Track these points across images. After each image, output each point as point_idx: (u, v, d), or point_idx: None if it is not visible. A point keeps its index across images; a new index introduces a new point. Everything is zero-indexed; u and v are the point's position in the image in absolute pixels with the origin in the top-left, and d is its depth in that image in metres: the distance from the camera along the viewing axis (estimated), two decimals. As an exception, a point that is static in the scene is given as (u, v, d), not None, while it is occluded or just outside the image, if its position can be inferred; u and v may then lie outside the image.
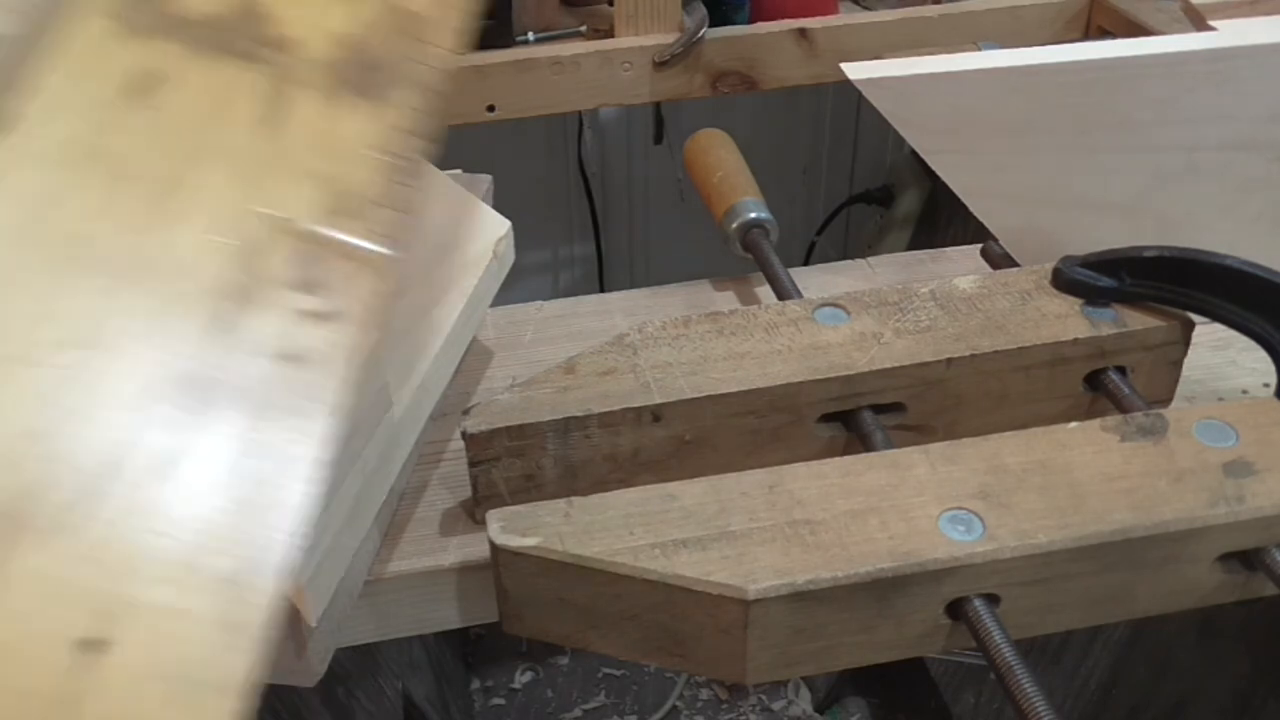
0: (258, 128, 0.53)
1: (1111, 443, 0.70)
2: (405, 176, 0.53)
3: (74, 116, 0.51)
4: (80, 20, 0.53)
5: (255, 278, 0.48)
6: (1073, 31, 1.51)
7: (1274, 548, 0.67)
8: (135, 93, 0.52)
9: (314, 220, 0.51)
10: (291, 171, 0.52)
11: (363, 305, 0.49)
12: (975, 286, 0.83)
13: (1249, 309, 0.77)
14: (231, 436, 0.44)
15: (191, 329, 0.47)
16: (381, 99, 0.55)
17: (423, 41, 0.58)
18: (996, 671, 0.62)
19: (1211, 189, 0.87)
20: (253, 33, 0.55)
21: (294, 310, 0.48)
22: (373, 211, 0.52)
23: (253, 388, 0.46)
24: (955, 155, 0.89)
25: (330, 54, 0.56)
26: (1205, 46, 0.81)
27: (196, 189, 0.50)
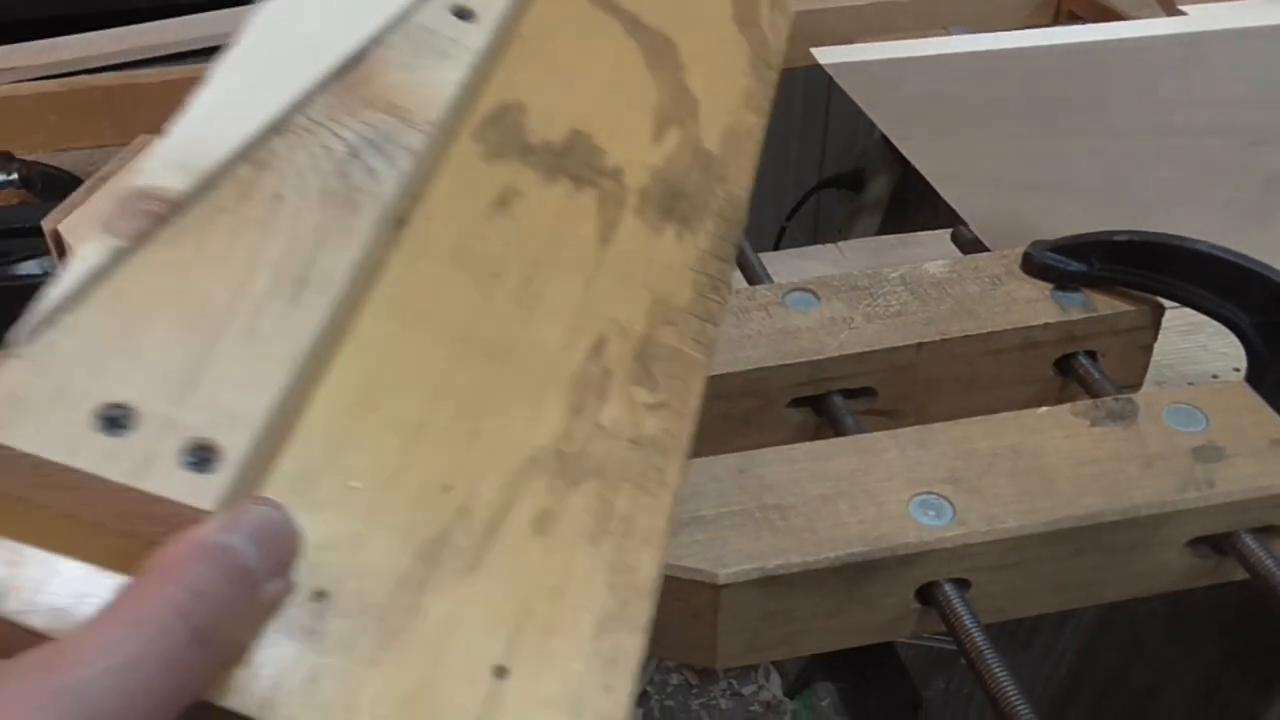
0: (594, 242, 0.61)
1: (1082, 427, 0.70)
2: (713, 292, 0.62)
3: (452, 221, 0.58)
4: (454, 141, 0.61)
5: (606, 371, 0.56)
6: (1042, 16, 1.51)
7: (1244, 532, 0.67)
8: (498, 205, 0.60)
9: (646, 325, 0.59)
10: (624, 281, 0.60)
11: (687, 400, 0.57)
12: (945, 271, 0.83)
13: (1219, 294, 0.77)
14: (593, 505, 0.50)
15: (560, 410, 0.53)
16: (689, 224, 0.64)
17: (720, 178, 0.68)
18: (967, 656, 0.62)
19: (1182, 174, 0.88)
20: (586, 160, 0.65)
21: (636, 401, 0.55)
22: (688, 320, 0.60)
23: (609, 465, 0.52)
24: (926, 140, 0.89)
25: (646, 183, 0.65)
26: (1174, 31, 0.81)
27: (553, 290, 0.58)
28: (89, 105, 1.30)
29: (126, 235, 0.47)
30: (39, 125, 1.30)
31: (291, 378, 0.46)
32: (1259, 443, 0.69)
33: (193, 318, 0.46)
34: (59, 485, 0.41)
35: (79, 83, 1.31)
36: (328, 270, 0.50)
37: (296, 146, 0.54)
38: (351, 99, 0.57)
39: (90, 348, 0.44)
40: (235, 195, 0.51)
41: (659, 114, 0.70)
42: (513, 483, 0.50)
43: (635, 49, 0.74)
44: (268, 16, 0.58)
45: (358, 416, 0.49)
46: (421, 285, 0.55)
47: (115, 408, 0.42)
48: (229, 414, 0.43)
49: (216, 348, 0.45)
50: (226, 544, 0.41)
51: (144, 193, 0.49)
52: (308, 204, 0.52)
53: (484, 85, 0.65)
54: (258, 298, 0.47)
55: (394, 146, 0.56)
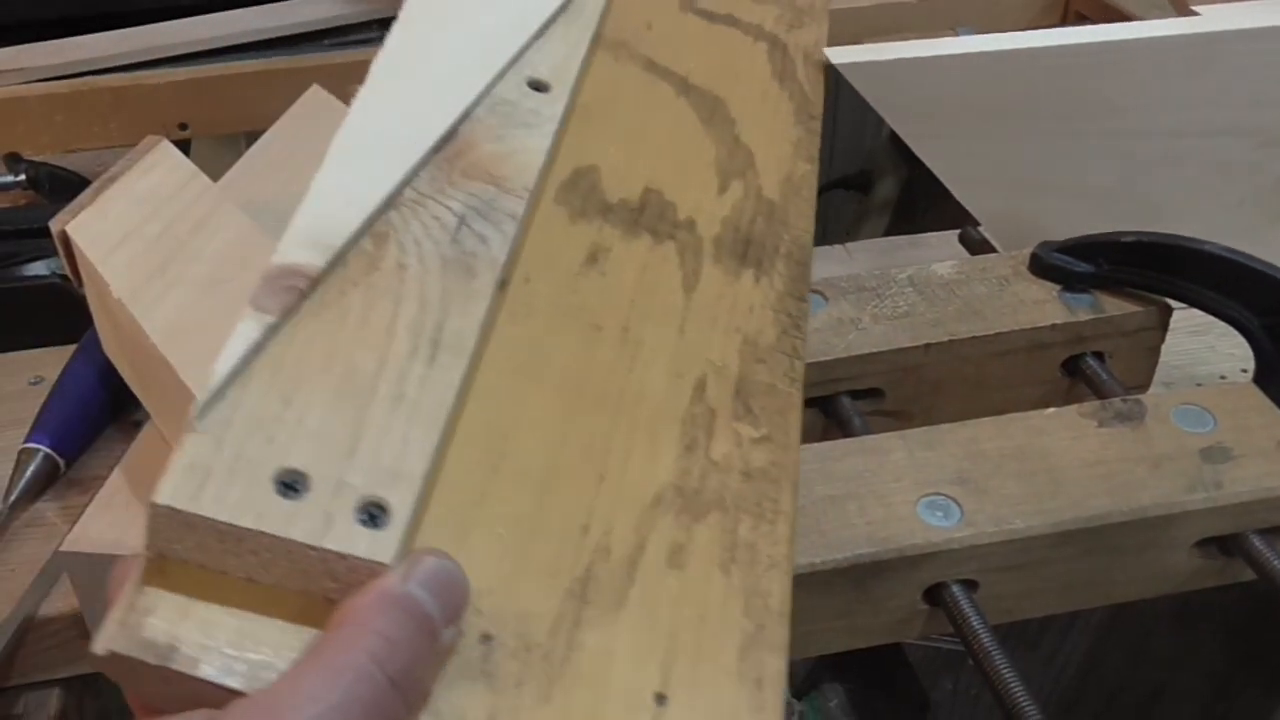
0: (681, 289, 0.64)
1: (1089, 428, 0.70)
2: (795, 330, 0.64)
3: (549, 280, 0.61)
4: (540, 206, 0.65)
5: (710, 410, 0.57)
6: (1050, 17, 1.51)
7: (1251, 533, 0.67)
8: (588, 262, 0.63)
9: (740, 364, 0.60)
10: (713, 323, 0.62)
11: (788, 432, 0.58)
12: (953, 272, 0.83)
13: (1227, 295, 0.77)
14: (719, 536, 0.52)
15: (675, 449, 0.55)
16: (763, 268, 0.66)
17: (784, 223, 0.70)
18: (974, 657, 0.62)
19: (1194, 174, 0.87)
20: (661, 214, 0.68)
21: (742, 436, 0.56)
22: (777, 358, 0.62)
23: (727, 497, 0.53)
24: (938, 139, 0.89)
25: (718, 232, 0.68)
26: (1187, 31, 0.81)
27: (650, 337, 0.60)
28: (96, 106, 1.30)
29: (275, 311, 0.51)
30: (46, 126, 1.30)
31: (440, 434, 0.49)
32: (1267, 443, 0.69)
33: (345, 384, 0.50)
34: (245, 550, 0.44)
35: (86, 84, 1.31)
36: (458, 331, 0.53)
37: (411, 218, 0.58)
38: (452, 171, 0.62)
39: (259, 418, 0.47)
40: (364, 267, 0.55)
41: (720, 167, 0.73)
42: (643, 520, 0.51)
43: (689, 109, 0.78)
44: (366, 101, 0.64)
45: (492, 468, 0.52)
46: (530, 341, 0.58)
47: (290, 473, 0.45)
48: (392, 472, 0.46)
49: (370, 410, 0.49)
50: (409, 593, 0.43)
51: (286, 270, 0.53)
52: (430, 271, 0.56)
53: (558, 152, 0.69)
54: (400, 361, 0.51)
55: (497, 213, 0.60)
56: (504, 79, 0.68)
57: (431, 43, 0.69)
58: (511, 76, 0.69)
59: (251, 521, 0.43)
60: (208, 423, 0.46)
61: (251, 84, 1.32)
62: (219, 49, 1.42)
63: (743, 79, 0.82)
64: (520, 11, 0.73)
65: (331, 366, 0.50)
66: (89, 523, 0.65)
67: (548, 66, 0.71)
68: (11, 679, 0.70)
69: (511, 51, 0.70)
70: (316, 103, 0.98)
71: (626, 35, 0.82)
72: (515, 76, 0.69)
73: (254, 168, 0.89)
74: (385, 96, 0.64)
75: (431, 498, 0.49)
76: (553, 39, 0.74)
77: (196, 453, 0.45)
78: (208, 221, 0.71)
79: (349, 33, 1.48)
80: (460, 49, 0.69)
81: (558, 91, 0.70)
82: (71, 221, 0.72)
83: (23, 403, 0.83)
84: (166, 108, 1.32)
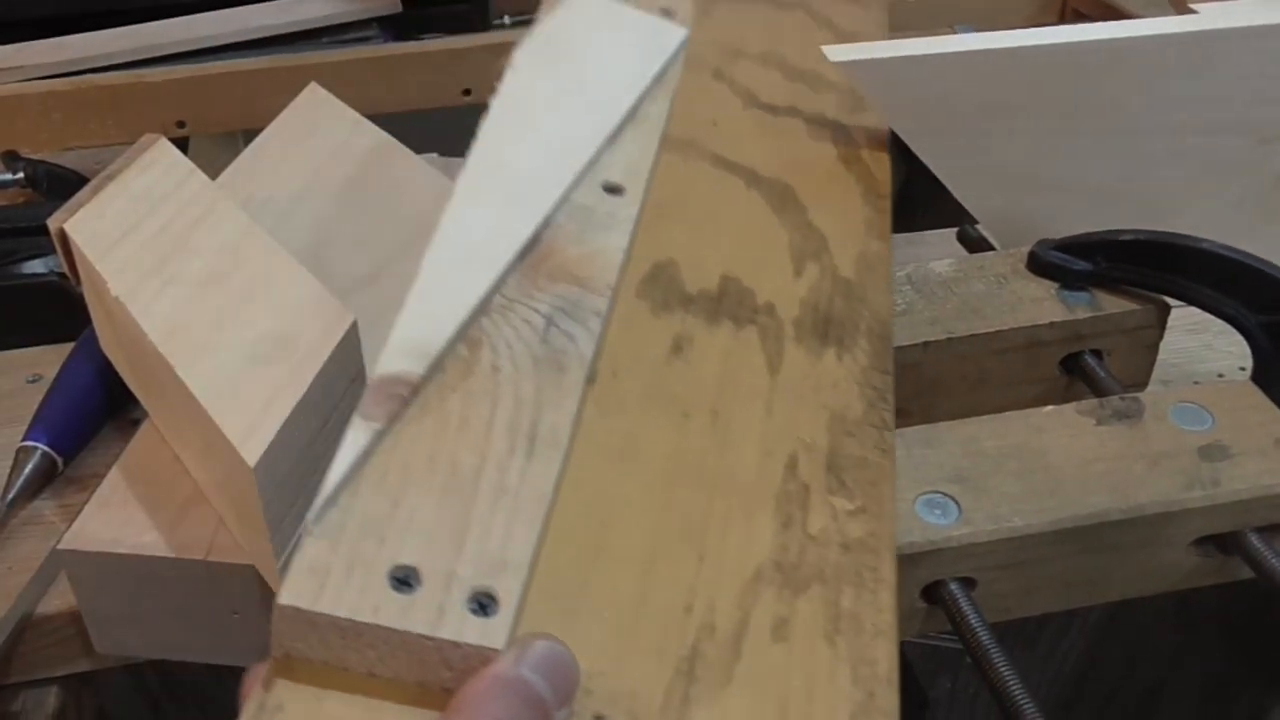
0: (766, 371, 0.65)
1: (1087, 426, 0.70)
2: (882, 402, 0.65)
3: (637, 372, 0.64)
4: (623, 302, 0.68)
5: (804, 486, 0.59)
6: (1047, 15, 1.51)
7: (1250, 531, 0.67)
8: (673, 352, 0.66)
9: (829, 440, 0.61)
10: (800, 402, 0.64)
11: (882, 503, 0.58)
12: (951, 270, 0.83)
13: (1224, 292, 0.77)
14: (821, 609, 0.53)
15: (772, 526, 0.56)
16: (845, 345, 0.68)
17: (862, 300, 0.72)
18: (972, 655, 0.62)
19: (1194, 173, 0.87)
20: (740, 301, 0.70)
21: (837, 509, 0.58)
22: (866, 431, 0.63)
23: (827, 570, 0.54)
24: (937, 137, 0.89)
25: (798, 314, 0.70)
26: (1187, 29, 0.81)
27: (739, 420, 0.62)
28: (94, 104, 1.30)
29: (381, 419, 0.54)
30: (44, 124, 1.30)
31: (541, 524, 0.51)
32: (1264, 441, 0.69)
33: (449, 482, 0.52)
34: (364, 644, 0.46)
35: (84, 81, 1.31)
36: (552, 426, 0.56)
37: (502, 323, 0.61)
38: (538, 275, 0.65)
39: (371, 520, 0.49)
40: (461, 371, 0.58)
41: (794, 251, 0.75)
42: (745, 597, 0.53)
43: (759, 198, 0.80)
44: (453, 216, 0.65)
45: (593, 553, 0.54)
46: (621, 431, 0.60)
47: (402, 569, 0.48)
48: (499, 562, 0.49)
49: (475, 506, 0.51)
50: (522, 676, 0.45)
51: (389, 380, 0.56)
52: (522, 371, 0.59)
53: (637, 249, 0.72)
54: (500, 457, 0.54)
55: (583, 311, 0.63)
56: (580, 185, 0.71)
57: (510, 156, 0.71)
58: (587, 182, 0.72)
59: (369, 616, 0.46)
60: (323, 527, 0.49)
61: (249, 82, 1.33)
62: (217, 47, 1.43)
63: (809, 166, 0.85)
64: (592, 121, 0.76)
65: (436, 467, 0.53)
66: (87, 521, 0.65)
67: (620, 170, 0.74)
68: (10, 677, 0.70)
69: (586, 159, 0.73)
70: (314, 101, 0.98)
71: (693, 134, 0.85)
72: (591, 182, 0.72)
73: (252, 166, 0.89)
74: (470, 210, 0.67)
75: (537, 584, 0.51)
76: (624, 143, 0.76)
77: (314, 556, 0.48)
78: (205, 219, 0.71)
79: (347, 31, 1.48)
80: (538, 160, 0.72)
81: (632, 193, 0.73)
82: (69, 219, 0.72)
83: (20, 400, 0.83)
84: (164, 106, 1.32)
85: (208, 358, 0.62)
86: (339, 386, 0.64)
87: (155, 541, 0.64)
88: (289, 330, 0.63)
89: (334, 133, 0.94)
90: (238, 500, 0.60)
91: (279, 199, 0.85)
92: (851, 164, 0.85)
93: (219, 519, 0.65)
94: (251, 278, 0.67)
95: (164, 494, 0.67)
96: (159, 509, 0.65)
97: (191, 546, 0.63)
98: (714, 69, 0.96)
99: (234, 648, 0.65)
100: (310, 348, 0.62)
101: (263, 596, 0.62)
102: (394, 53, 1.38)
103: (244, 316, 0.64)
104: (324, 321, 0.64)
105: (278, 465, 0.58)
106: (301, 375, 0.61)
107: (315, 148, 0.92)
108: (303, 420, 0.60)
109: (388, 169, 0.91)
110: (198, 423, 0.61)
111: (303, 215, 0.85)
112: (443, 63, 1.37)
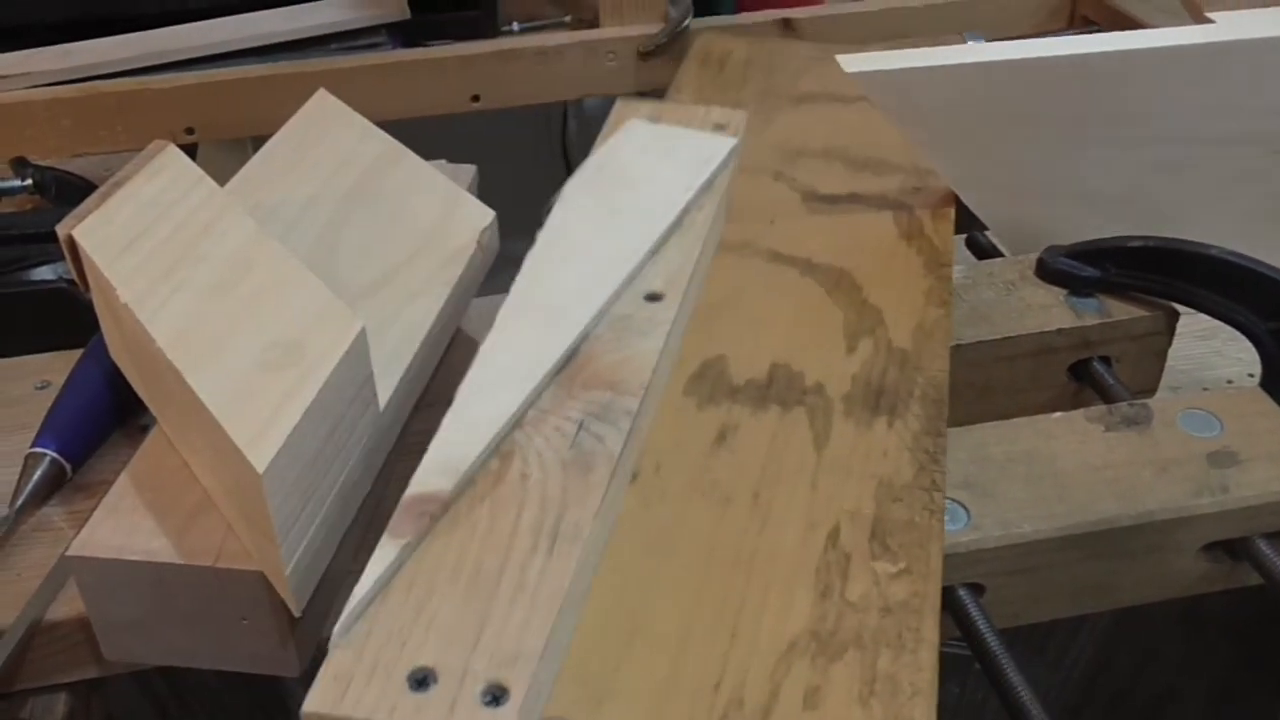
0: (812, 448, 0.67)
1: (1096, 433, 0.70)
2: (933, 464, 0.65)
3: (679, 466, 0.66)
4: (669, 401, 0.71)
5: (845, 555, 0.60)
6: (1057, 22, 1.51)
7: (1258, 537, 0.67)
8: (717, 442, 0.68)
9: (875, 507, 0.63)
10: (846, 474, 0.65)
11: (928, 562, 0.60)
12: (960, 277, 0.83)
13: (1233, 299, 0.77)
14: (857, 673, 0.54)
15: (809, 597, 0.58)
16: (897, 413, 0.69)
17: (917, 368, 0.73)
18: (981, 661, 0.62)
19: (1207, 182, 0.87)
20: (789, 385, 0.72)
21: (880, 574, 0.59)
22: (915, 494, 0.64)
23: (865, 635, 0.56)
24: (948, 146, 0.89)
25: (848, 390, 0.71)
26: (1203, 40, 0.81)
27: (782, 499, 0.64)
28: (102, 110, 1.30)
29: (411, 534, 0.56)
30: (52, 130, 1.30)
31: (558, 616, 0.53)
32: (1273, 448, 0.69)
33: (472, 585, 0.54)
34: None
35: (92, 88, 1.31)
36: (575, 521, 0.57)
37: (533, 434, 0.63)
38: (573, 385, 0.66)
39: (394, 628, 0.52)
40: (490, 483, 0.60)
41: (848, 330, 0.77)
42: (776, 670, 0.54)
43: (814, 284, 0.82)
44: (495, 339, 0.68)
45: (626, 639, 0.56)
46: (662, 522, 0.63)
47: (420, 670, 0.50)
48: (512, 655, 0.51)
49: (494, 605, 0.53)
50: None
51: (420, 499, 0.58)
52: (551, 475, 0.60)
53: (686, 350, 0.75)
54: (522, 557, 0.55)
55: (614, 412, 0.64)
56: (621, 298, 0.73)
57: (552, 281, 0.73)
58: (629, 295, 0.73)
59: (385, 716, 0.48)
60: (350, 637, 0.52)
61: (258, 88, 1.33)
62: (225, 53, 1.43)
63: (868, 247, 0.86)
64: (636, 237, 0.76)
65: (460, 573, 0.55)
66: (95, 527, 0.65)
67: (663, 278, 0.75)
68: (19, 683, 0.70)
69: (627, 273, 0.74)
70: (323, 107, 0.98)
71: (750, 235, 0.87)
72: (632, 293, 0.73)
73: (261, 172, 0.89)
74: (510, 334, 0.68)
75: (569, 671, 0.54)
76: (667, 252, 0.77)
77: (339, 664, 0.51)
78: (214, 226, 0.71)
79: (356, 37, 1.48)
80: (580, 281, 0.73)
81: (671, 298, 0.73)
82: (78, 226, 0.72)
83: (29, 407, 0.83)
84: (173, 112, 1.32)
85: (216, 364, 0.62)
86: (348, 393, 0.64)
87: (164, 548, 0.63)
88: (298, 337, 0.63)
89: (342, 139, 0.94)
90: (246, 506, 0.60)
91: (287, 205, 0.85)
92: (913, 238, 0.86)
93: (228, 525, 0.64)
94: (260, 284, 0.67)
95: (172, 500, 0.66)
96: (168, 515, 0.65)
97: (200, 553, 0.63)
98: (774, 171, 0.97)
99: (242, 654, 0.65)
100: (319, 354, 0.62)
101: (271, 603, 0.62)
102: (402, 59, 1.38)
103: (252, 323, 0.64)
104: (333, 328, 0.64)
105: (286, 471, 0.58)
106: (310, 381, 0.60)
107: (324, 154, 0.92)
108: (311, 426, 0.60)
109: (396, 175, 0.90)
110: (206, 429, 0.61)
111: (311, 221, 0.84)
112: (451, 69, 1.37)
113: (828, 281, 0.81)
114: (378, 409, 0.68)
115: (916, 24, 1.45)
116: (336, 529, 0.65)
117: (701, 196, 0.81)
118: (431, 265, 0.81)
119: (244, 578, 0.63)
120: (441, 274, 0.80)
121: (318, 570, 0.63)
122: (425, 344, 0.75)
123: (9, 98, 1.30)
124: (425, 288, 0.79)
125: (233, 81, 1.33)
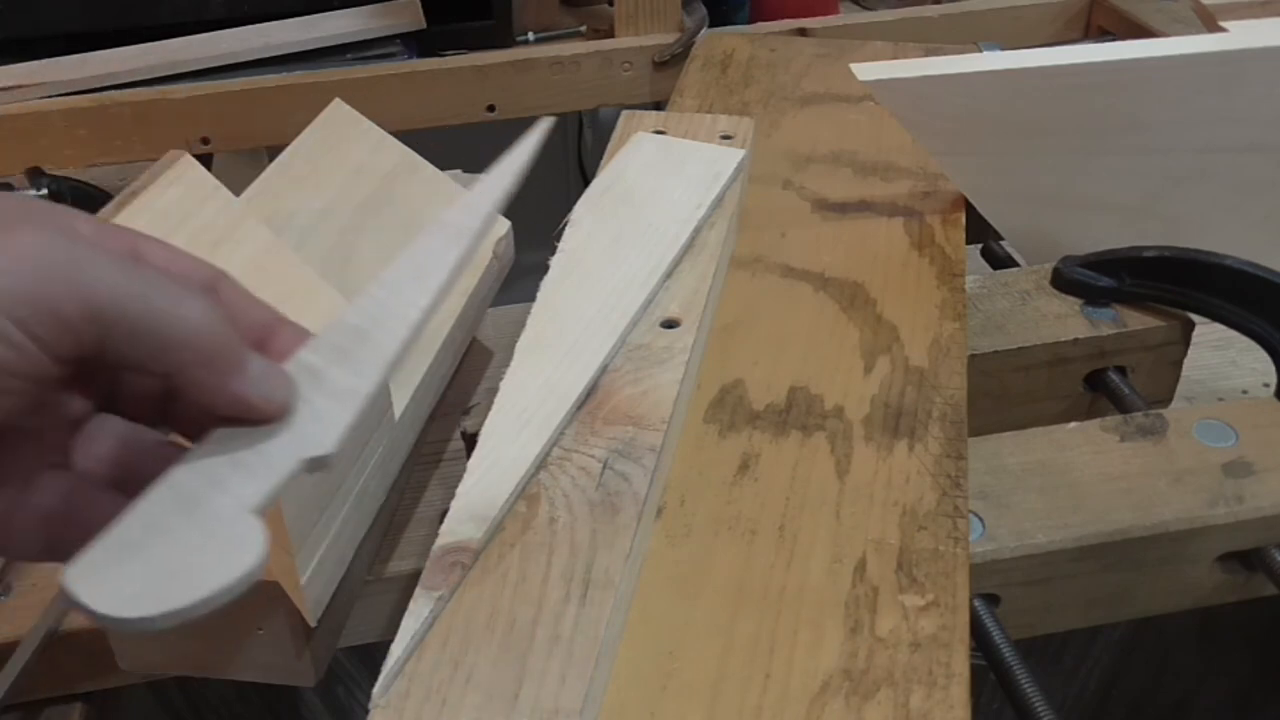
0: (834, 476, 0.67)
1: (1111, 443, 0.70)
2: (955, 489, 0.65)
3: (703, 498, 0.66)
4: (690, 429, 0.70)
5: (873, 589, 0.60)
6: (1072, 31, 1.51)
7: (1274, 548, 0.67)
8: (740, 471, 0.67)
9: (900, 536, 0.62)
10: (870, 502, 0.65)
11: (955, 593, 0.59)
12: (975, 286, 0.83)
13: (1249, 309, 0.77)
14: (889, 711, 0.54)
15: (839, 634, 0.57)
16: (916, 436, 0.69)
17: (935, 387, 0.72)
18: (996, 672, 0.62)
19: (1220, 191, 0.87)
20: (808, 409, 0.71)
21: (908, 608, 0.59)
22: (938, 521, 0.63)
23: (897, 671, 0.55)
24: (964, 156, 0.88)
25: (868, 412, 0.71)
26: (1216, 48, 0.80)
27: (807, 530, 0.63)
28: (118, 121, 1.31)
29: (443, 586, 0.56)
30: (69, 140, 1.31)
31: (595, 667, 0.53)
32: (1290, 458, 0.69)
33: (507, 638, 0.54)
34: None
35: (108, 98, 1.32)
36: (606, 568, 0.58)
37: (559, 474, 0.63)
38: (594, 421, 0.66)
39: (432, 686, 0.52)
40: (519, 529, 0.60)
41: (864, 349, 0.76)
42: (810, 713, 0.54)
43: (828, 300, 0.81)
44: (512, 377, 0.68)
45: (660, 685, 0.56)
46: (689, 559, 0.62)
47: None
48: (550, 713, 0.51)
49: (530, 657, 0.53)
50: None
51: (450, 549, 0.58)
52: (578, 518, 0.60)
53: (704, 375, 0.75)
54: (555, 605, 0.56)
55: (637, 449, 0.64)
56: (637, 326, 0.73)
57: (567, 311, 0.73)
58: (644, 322, 0.74)
59: None
60: (389, 697, 0.52)
61: (274, 98, 1.33)
62: (241, 63, 1.43)
63: (880, 257, 0.86)
64: (648, 260, 0.77)
65: (495, 624, 0.55)
66: (111, 536, 0.65)
67: (679, 303, 0.75)
68: (35, 693, 0.70)
69: (641, 300, 0.74)
70: (338, 117, 0.98)
71: (761, 249, 0.87)
72: (648, 321, 0.74)
73: (276, 182, 0.89)
74: (528, 372, 0.69)
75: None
76: (681, 275, 0.78)
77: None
78: (230, 236, 0.71)
79: (371, 47, 1.48)
80: (595, 310, 0.73)
81: (688, 323, 0.73)
82: (95, 236, 0.72)
83: (46, 416, 0.83)
84: (189, 122, 1.32)
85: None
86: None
87: (179, 557, 0.63)
88: (313, 347, 0.63)
89: (358, 149, 0.94)
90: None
91: (303, 215, 0.86)
92: (925, 247, 0.86)
93: (243, 535, 0.64)
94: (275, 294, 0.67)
95: (188, 510, 0.66)
96: (183, 525, 0.65)
97: (215, 562, 0.63)
98: (783, 179, 0.97)
99: (258, 665, 0.65)
100: (334, 364, 0.62)
101: (287, 613, 0.62)
102: (418, 69, 1.38)
103: (268, 333, 0.64)
104: (348, 338, 0.64)
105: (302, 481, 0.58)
106: (325, 391, 0.60)
107: (339, 164, 0.92)
108: (327, 436, 0.60)
109: (411, 185, 0.91)
110: (222, 439, 0.61)
111: (326, 231, 0.85)
112: (466, 79, 1.37)
113: (842, 297, 0.81)
114: (393, 418, 0.68)
115: (932, 33, 1.45)
116: (352, 539, 0.65)
117: (712, 213, 0.81)
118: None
119: (260, 588, 0.63)
120: (456, 284, 0.80)
121: (333, 580, 0.63)
122: (440, 353, 0.75)
123: (25, 108, 1.30)
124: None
125: (248, 91, 1.33)
